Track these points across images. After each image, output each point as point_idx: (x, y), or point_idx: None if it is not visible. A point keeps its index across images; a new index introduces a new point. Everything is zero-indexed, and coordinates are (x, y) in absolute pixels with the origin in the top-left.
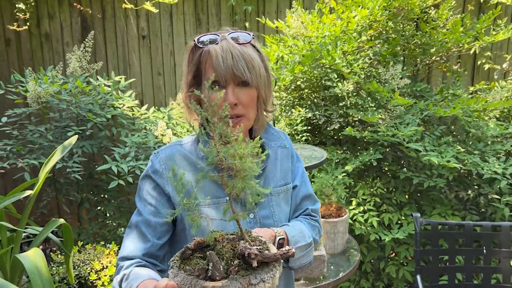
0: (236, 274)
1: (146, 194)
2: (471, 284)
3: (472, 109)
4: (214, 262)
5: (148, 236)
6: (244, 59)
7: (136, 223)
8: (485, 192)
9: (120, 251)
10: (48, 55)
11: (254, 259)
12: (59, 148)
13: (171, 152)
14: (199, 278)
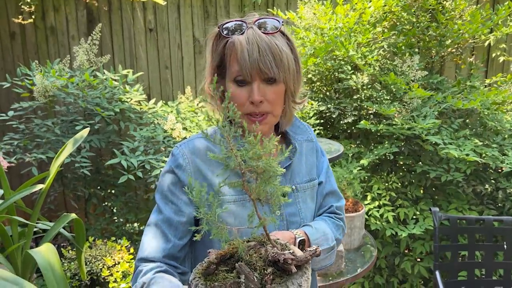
0: (272, 283)
1: (167, 190)
2: (491, 280)
3: (491, 102)
4: (246, 274)
5: (169, 236)
6: (272, 52)
7: (156, 222)
8: (503, 186)
9: (139, 252)
10: (54, 48)
11: (291, 264)
12: (70, 141)
13: (195, 145)
14: None
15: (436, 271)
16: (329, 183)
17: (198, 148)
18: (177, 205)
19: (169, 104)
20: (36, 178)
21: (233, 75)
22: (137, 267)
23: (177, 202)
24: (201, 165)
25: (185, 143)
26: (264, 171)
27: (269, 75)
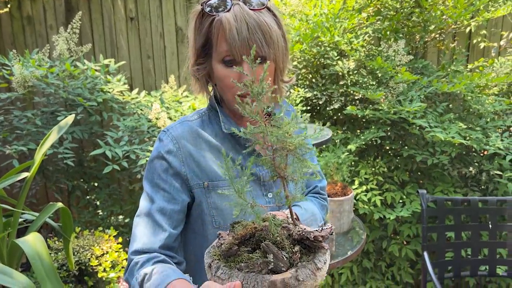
0: (299, 261)
1: (157, 178)
2: (477, 259)
3: (475, 85)
4: (274, 253)
5: (163, 225)
6: (261, 30)
7: (148, 212)
8: (487, 168)
9: (132, 244)
10: (31, 38)
11: (322, 241)
12: (55, 128)
13: (183, 129)
14: (262, 273)
15: (424, 252)
16: (312, 164)
17: (187, 132)
18: (170, 193)
19: (153, 94)
20: (19, 168)
21: (222, 55)
22: (131, 260)
23: (169, 189)
24: (192, 150)
25: (172, 127)
26: (295, 148)
27: (260, 53)
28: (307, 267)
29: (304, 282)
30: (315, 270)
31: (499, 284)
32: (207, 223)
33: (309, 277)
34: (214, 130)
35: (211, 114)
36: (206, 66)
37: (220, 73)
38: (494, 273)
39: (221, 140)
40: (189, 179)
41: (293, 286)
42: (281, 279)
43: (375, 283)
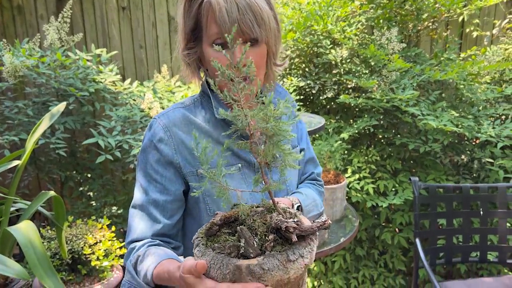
0: (272, 250)
1: (150, 168)
2: (468, 245)
3: (467, 73)
4: (246, 238)
5: (158, 217)
6: (252, 10)
7: (141, 204)
8: (478, 156)
9: (128, 235)
10: (22, 29)
11: (293, 233)
12: (46, 116)
13: (175, 116)
14: (231, 256)
15: (416, 238)
16: (309, 150)
17: (178, 119)
18: (162, 184)
19: (145, 84)
20: (10, 156)
21: (212, 38)
22: (129, 247)
23: (161, 180)
24: (184, 137)
25: (163, 114)
26: (274, 134)
27: (251, 35)
28: (275, 257)
29: (271, 272)
30: (286, 261)
31: (490, 271)
32: (202, 211)
33: (277, 267)
34: (206, 116)
35: (203, 100)
36: (196, 51)
37: (211, 56)
38: (485, 259)
39: (214, 126)
40: (182, 167)
41: (258, 274)
42: (247, 265)
43: (367, 270)
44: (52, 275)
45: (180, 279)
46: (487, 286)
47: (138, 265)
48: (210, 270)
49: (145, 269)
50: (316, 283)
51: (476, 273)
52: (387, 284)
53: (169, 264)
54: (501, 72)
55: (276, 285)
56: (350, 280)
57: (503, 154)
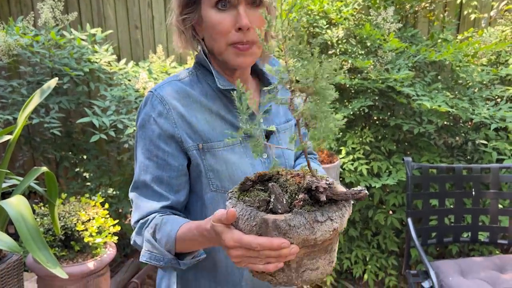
0: (300, 208)
1: (150, 144)
2: (460, 225)
3: (463, 54)
4: (276, 194)
5: (164, 194)
6: None
7: (144, 182)
8: (473, 138)
9: (135, 214)
10: (16, 8)
11: (322, 193)
12: (37, 92)
13: (172, 89)
14: (260, 210)
15: (409, 218)
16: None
17: (176, 92)
18: (164, 159)
19: (140, 64)
20: (2, 132)
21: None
22: (138, 224)
23: (163, 156)
24: (183, 110)
25: (159, 87)
26: (315, 92)
27: None
28: (303, 215)
29: (297, 229)
30: (313, 221)
31: (481, 252)
32: (204, 186)
33: (303, 226)
34: (204, 89)
35: (199, 73)
36: (195, 15)
37: (213, 19)
38: (476, 239)
39: (212, 99)
40: (183, 141)
41: (284, 230)
42: (273, 219)
43: (360, 251)
44: (44, 248)
45: (211, 229)
46: (477, 265)
47: (156, 234)
48: (238, 221)
49: (166, 235)
50: None
51: (468, 254)
52: (379, 264)
53: (195, 222)
54: (497, 54)
55: (302, 245)
56: (343, 261)
57: (497, 136)
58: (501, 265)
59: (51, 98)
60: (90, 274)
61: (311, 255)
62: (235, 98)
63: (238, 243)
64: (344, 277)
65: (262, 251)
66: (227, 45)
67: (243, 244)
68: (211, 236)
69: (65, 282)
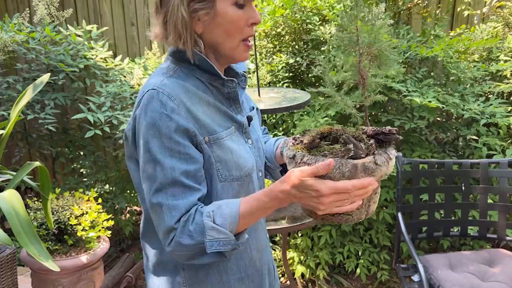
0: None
1: (168, 141)
2: (450, 220)
3: (454, 50)
4: (354, 143)
5: (196, 186)
6: None
7: (173, 181)
8: (464, 134)
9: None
10: (12, 5)
11: (395, 133)
12: (30, 87)
13: (173, 85)
14: (344, 158)
15: (399, 213)
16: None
17: (178, 87)
18: (187, 153)
19: (136, 61)
20: None
21: None
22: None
23: (184, 150)
24: (189, 105)
25: (161, 84)
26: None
27: None
28: (382, 155)
29: (380, 167)
30: (388, 159)
31: (472, 246)
32: (214, 177)
33: (384, 163)
34: (195, 83)
35: (182, 68)
36: (207, 10)
37: (233, 15)
38: (465, 233)
39: (205, 92)
40: (196, 135)
41: (371, 169)
42: (362, 162)
43: (353, 246)
44: (36, 242)
45: (293, 187)
46: (467, 259)
47: (216, 220)
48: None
49: (227, 216)
50: (302, 258)
51: (459, 249)
52: (372, 259)
53: (258, 193)
54: (489, 50)
55: (378, 181)
56: (336, 255)
57: (488, 132)
58: (490, 259)
59: (46, 94)
60: (83, 267)
61: (377, 190)
62: (228, 89)
63: (334, 189)
64: (337, 271)
65: (353, 192)
66: (240, 41)
67: (339, 189)
68: (289, 195)
69: (58, 276)
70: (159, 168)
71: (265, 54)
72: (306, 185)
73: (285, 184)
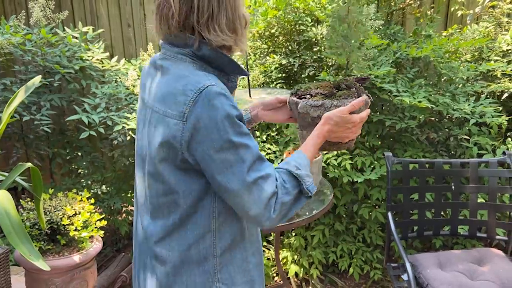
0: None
1: (240, 127)
2: (440, 219)
3: (444, 51)
4: (356, 87)
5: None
6: None
7: (257, 156)
8: (455, 133)
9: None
10: (10, 7)
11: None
12: (22, 88)
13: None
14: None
15: (389, 212)
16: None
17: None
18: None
19: (132, 62)
20: None
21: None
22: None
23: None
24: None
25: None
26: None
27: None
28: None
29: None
30: (369, 96)
31: (464, 246)
32: None
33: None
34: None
35: (198, 66)
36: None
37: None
38: (456, 232)
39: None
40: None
41: (368, 103)
42: (366, 98)
43: (346, 245)
44: (26, 242)
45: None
46: (456, 258)
47: (301, 169)
48: None
49: (305, 165)
50: (296, 257)
51: (452, 248)
52: (365, 258)
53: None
54: (480, 50)
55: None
56: (329, 254)
57: (480, 131)
58: (480, 258)
59: (43, 96)
60: (76, 267)
61: None
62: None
63: (360, 119)
64: (331, 270)
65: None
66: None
67: (362, 118)
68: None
69: (51, 275)
70: (243, 151)
71: (258, 55)
72: (346, 119)
73: (327, 125)
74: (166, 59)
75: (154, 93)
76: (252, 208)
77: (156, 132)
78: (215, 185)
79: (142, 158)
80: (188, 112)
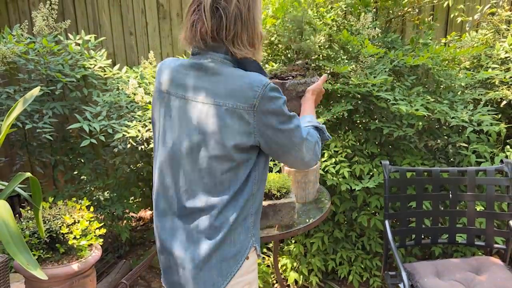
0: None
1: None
2: (438, 227)
3: (442, 58)
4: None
5: None
6: None
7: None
8: (454, 141)
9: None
10: (14, 16)
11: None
12: (20, 100)
13: None
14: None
15: (386, 220)
16: None
17: None
18: None
19: (134, 69)
20: None
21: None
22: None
23: None
24: None
25: (269, 80)
26: None
27: None
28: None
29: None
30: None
31: (464, 253)
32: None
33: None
34: None
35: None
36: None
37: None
38: (454, 241)
39: None
40: None
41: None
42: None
43: (345, 252)
44: (24, 251)
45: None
46: (454, 267)
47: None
48: None
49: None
50: (295, 264)
51: (451, 256)
52: (364, 265)
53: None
54: (479, 58)
55: None
56: (328, 262)
57: (479, 139)
58: (478, 267)
59: (45, 104)
60: (75, 275)
61: None
62: None
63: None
64: (330, 278)
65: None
66: None
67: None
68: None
69: (50, 283)
70: (295, 119)
71: None
72: (321, 89)
73: (314, 95)
74: (213, 62)
75: (212, 89)
76: (307, 156)
77: (228, 123)
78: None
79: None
80: (258, 104)
